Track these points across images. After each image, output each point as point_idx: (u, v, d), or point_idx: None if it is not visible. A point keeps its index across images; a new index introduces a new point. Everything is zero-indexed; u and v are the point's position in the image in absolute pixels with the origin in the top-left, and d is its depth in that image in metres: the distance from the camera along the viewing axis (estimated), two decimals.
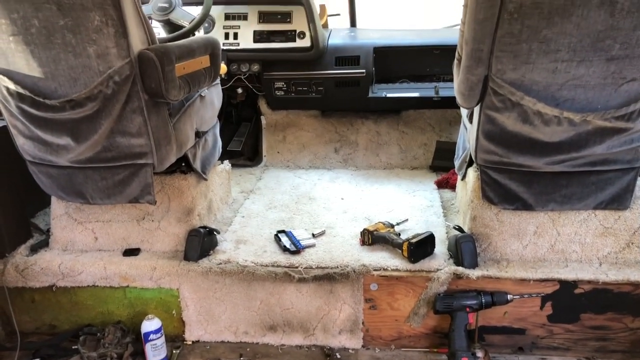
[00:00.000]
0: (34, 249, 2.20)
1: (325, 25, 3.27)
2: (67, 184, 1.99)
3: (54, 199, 2.19)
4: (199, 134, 2.19)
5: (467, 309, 1.87)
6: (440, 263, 1.98)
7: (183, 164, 2.17)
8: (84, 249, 2.19)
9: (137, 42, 1.71)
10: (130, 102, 1.75)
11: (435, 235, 2.06)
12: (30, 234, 2.27)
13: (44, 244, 2.23)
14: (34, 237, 2.27)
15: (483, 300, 1.87)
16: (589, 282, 1.88)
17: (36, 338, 2.19)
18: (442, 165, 2.94)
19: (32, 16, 1.62)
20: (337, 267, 1.98)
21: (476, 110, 1.84)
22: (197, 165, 2.18)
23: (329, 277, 1.96)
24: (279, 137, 3.26)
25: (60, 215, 2.20)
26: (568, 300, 1.91)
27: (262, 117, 3.29)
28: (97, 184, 1.96)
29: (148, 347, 1.97)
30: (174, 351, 2.08)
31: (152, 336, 1.97)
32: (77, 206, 2.17)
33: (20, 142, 1.94)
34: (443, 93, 2.91)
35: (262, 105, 3.26)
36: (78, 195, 2.01)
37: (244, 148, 3.34)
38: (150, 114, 1.79)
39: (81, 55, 1.67)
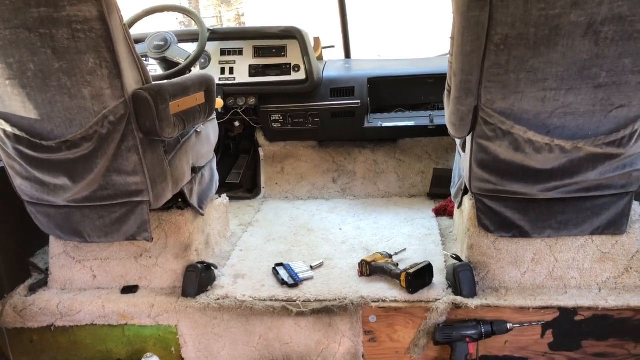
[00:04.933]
0: (33, 289, 2.20)
1: (320, 58, 3.32)
2: (65, 223, 2.00)
3: (52, 238, 2.20)
4: (195, 170, 2.21)
5: (467, 339, 1.85)
6: (438, 293, 1.97)
7: (180, 200, 2.18)
8: (82, 288, 2.19)
9: (131, 82, 1.74)
10: (125, 141, 1.77)
11: (433, 265, 2.05)
12: (29, 273, 2.27)
13: (43, 284, 2.23)
14: (33, 277, 2.27)
15: (483, 330, 1.86)
16: (588, 308, 1.87)
17: None
18: (439, 193, 2.95)
19: (28, 60, 1.65)
20: (336, 299, 1.97)
21: (468, 139, 1.86)
22: (194, 200, 2.19)
23: (328, 310, 1.95)
24: (277, 168, 3.28)
25: (59, 254, 2.20)
26: (569, 327, 1.89)
27: (260, 149, 3.31)
28: (94, 222, 1.97)
29: None
30: None
31: None
32: (75, 245, 2.18)
33: (18, 182, 1.96)
34: (438, 121, 2.93)
35: (260, 138, 3.29)
36: (76, 234, 2.02)
37: (243, 180, 3.36)
38: (145, 152, 1.81)
39: (76, 97, 1.70)
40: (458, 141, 2.13)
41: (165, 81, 1.94)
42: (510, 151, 1.73)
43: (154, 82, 1.86)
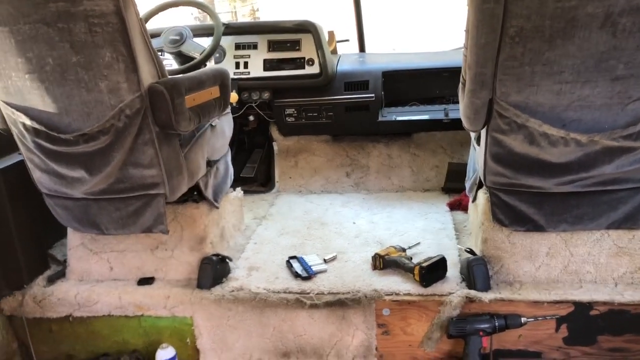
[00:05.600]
0: (51, 280, 2.24)
1: (334, 52, 3.31)
2: (82, 215, 2.03)
3: (69, 230, 2.23)
4: (210, 163, 2.23)
5: (481, 333, 1.85)
6: (452, 287, 1.97)
7: (195, 193, 2.20)
8: (99, 279, 2.23)
9: (147, 76, 1.76)
10: (141, 134, 1.79)
11: (447, 259, 2.05)
12: (48, 265, 2.31)
13: (61, 275, 2.27)
14: (51, 268, 2.30)
15: (496, 324, 1.85)
16: (604, 303, 1.86)
17: None
18: (454, 187, 2.93)
19: (47, 54, 1.68)
20: (349, 292, 1.98)
21: (483, 132, 1.85)
22: (209, 193, 2.21)
23: (341, 303, 1.96)
24: (290, 162, 3.29)
25: (76, 246, 2.24)
26: (584, 322, 1.88)
27: (274, 144, 3.32)
28: (111, 214, 2.00)
29: None
30: None
31: None
32: (93, 237, 2.21)
33: (37, 175, 1.99)
34: (453, 115, 2.92)
35: (274, 132, 3.30)
36: (93, 226, 2.05)
37: (257, 174, 3.37)
38: (161, 145, 1.83)
39: (93, 91, 1.72)
40: (472, 135, 2.12)
41: (180, 75, 1.96)
42: (525, 144, 1.72)
43: (169, 76, 1.87)
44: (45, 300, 2.13)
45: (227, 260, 2.17)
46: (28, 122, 1.82)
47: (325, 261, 2.22)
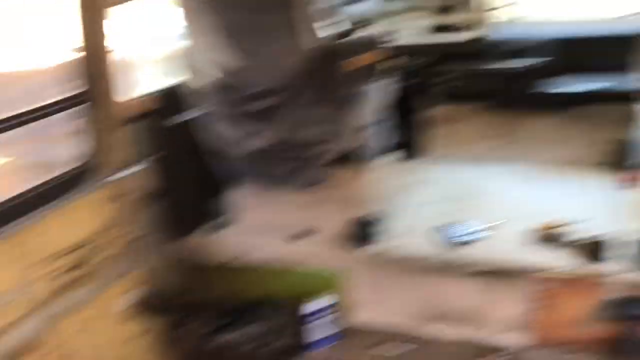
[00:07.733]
0: (215, 229, 2.43)
1: (500, 16, 3.14)
2: (249, 169, 2.20)
3: (235, 183, 2.41)
4: (367, 127, 2.27)
5: None
6: (617, 267, 1.84)
7: (352, 155, 2.27)
8: (259, 231, 2.37)
9: (311, 41, 1.83)
10: (307, 95, 1.89)
11: (613, 239, 1.90)
12: (213, 215, 2.49)
13: (225, 225, 2.45)
14: (217, 218, 2.47)
15: None
16: None
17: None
18: (625, 164, 2.67)
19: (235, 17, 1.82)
20: (503, 264, 1.94)
21: None
22: (365, 156, 2.27)
23: (494, 274, 1.93)
24: (446, 130, 3.20)
25: (241, 198, 2.41)
26: None
27: (429, 111, 3.25)
28: (276, 170, 2.14)
29: (311, 326, 2.12)
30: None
31: (316, 315, 2.12)
32: (256, 190, 2.37)
33: (215, 129, 2.17)
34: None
35: (430, 99, 3.23)
36: (258, 180, 2.21)
37: (410, 141, 3.34)
38: (323, 107, 1.91)
39: (268, 53, 1.84)
40: None
41: (341, 40, 2.02)
42: None
43: (331, 41, 1.93)
44: (209, 247, 2.33)
45: (380, 222, 2.22)
46: (213, 78, 1.98)
47: (479, 231, 2.17)
